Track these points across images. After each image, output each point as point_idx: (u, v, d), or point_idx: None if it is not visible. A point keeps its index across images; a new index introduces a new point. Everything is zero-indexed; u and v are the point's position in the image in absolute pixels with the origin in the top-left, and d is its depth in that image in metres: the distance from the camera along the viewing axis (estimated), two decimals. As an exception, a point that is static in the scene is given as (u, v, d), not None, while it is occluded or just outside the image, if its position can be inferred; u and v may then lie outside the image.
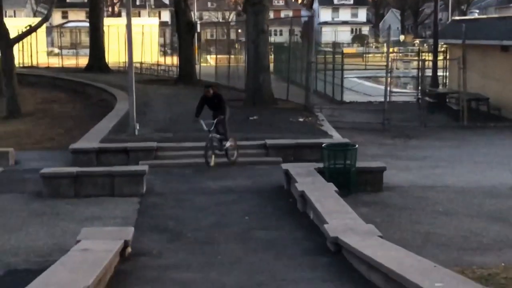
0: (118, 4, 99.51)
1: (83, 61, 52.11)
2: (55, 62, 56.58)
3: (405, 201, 13.76)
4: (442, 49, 36.81)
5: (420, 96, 29.39)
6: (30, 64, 52.78)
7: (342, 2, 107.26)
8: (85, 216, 12.68)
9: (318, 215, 11.26)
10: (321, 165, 14.94)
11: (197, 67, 39.69)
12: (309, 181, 13.24)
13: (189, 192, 14.54)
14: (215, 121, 16.84)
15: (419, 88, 30.90)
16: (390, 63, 27.37)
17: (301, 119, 23.12)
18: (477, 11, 57.58)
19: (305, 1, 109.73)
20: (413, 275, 7.06)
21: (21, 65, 49.41)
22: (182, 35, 37.24)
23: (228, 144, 17.07)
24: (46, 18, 31.10)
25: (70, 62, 54.68)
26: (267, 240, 10.93)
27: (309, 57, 27.10)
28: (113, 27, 51.39)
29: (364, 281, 8.42)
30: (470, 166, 17.76)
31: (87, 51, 54.21)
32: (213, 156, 16.67)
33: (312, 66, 27.29)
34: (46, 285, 6.94)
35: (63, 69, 50.06)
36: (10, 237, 11.28)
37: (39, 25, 32.80)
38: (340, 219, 10.74)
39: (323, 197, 12.12)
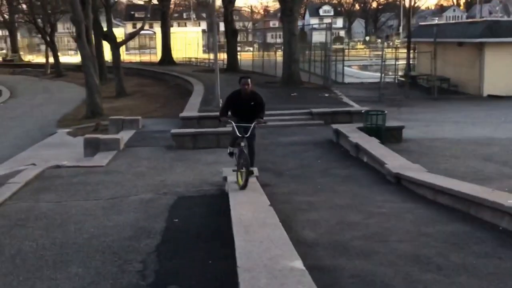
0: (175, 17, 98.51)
1: (153, 58, 52.09)
2: (133, 58, 56.27)
3: (420, 148, 13.70)
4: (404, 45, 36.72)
5: (400, 78, 29.48)
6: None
7: (325, 14, 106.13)
8: (209, 160, 12.75)
9: (374, 158, 11.29)
10: (358, 125, 15.10)
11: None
12: (357, 136, 13.32)
13: (270, 145, 14.54)
14: (253, 124, 9.02)
15: (396, 71, 31.00)
16: (384, 55, 27.29)
17: (326, 95, 23.16)
18: (437, 18, 56.87)
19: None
20: (483, 195, 7.09)
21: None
22: (228, 38, 37.30)
23: (255, 171, 9.53)
24: (142, 27, 30.83)
25: (144, 58, 54.38)
26: (343, 175, 11.00)
27: (328, 52, 27.03)
28: (174, 34, 51.45)
29: (430, 201, 8.42)
30: (452, 125, 17.65)
31: (153, 50, 54.33)
32: (241, 174, 8.69)
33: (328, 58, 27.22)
34: (241, 202, 6.95)
35: (142, 63, 49.90)
36: (167, 175, 11.42)
37: (137, 33, 32.86)
38: (393, 160, 10.83)
39: (373, 146, 12.23)
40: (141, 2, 63.55)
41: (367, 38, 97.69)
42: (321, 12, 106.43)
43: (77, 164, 12.64)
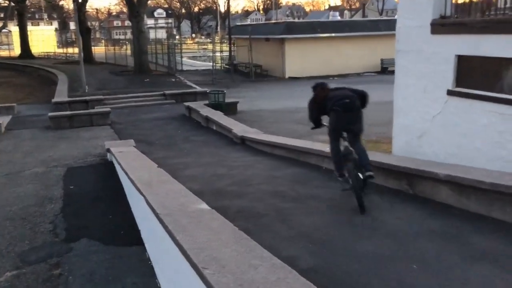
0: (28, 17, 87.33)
1: (12, 53, 46.11)
2: (-8, 53, 49.21)
3: (252, 117, 14.02)
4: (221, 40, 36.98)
5: (225, 65, 29.97)
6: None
7: (159, 16, 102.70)
8: (87, 137, 11.90)
9: (222, 126, 11.41)
10: (204, 102, 15.15)
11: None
12: (206, 110, 13.40)
13: (136, 121, 13.98)
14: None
15: (222, 60, 31.43)
16: (214, 48, 27.40)
17: (173, 80, 22.72)
18: (249, 20, 57.81)
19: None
20: (308, 146, 7.61)
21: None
22: (83, 34, 34.41)
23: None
24: (4, 26, 26.98)
25: (3, 53, 47.90)
26: (200, 141, 10.94)
27: (171, 45, 26.37)
28: (31, 32, 45.98)
29: (269, 154, 8.76)
30: (269, 99, 18.28)
31: (11, 46, 48.01)
32: None
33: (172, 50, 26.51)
34: (132, 167, 6.43)
35: (2, 58, 43.93)
36: (53, 151, 10.45)
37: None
38: (236, 127, 11.06)
39: (219, 117, 12.40)
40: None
41: (194, 35, 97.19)
42: (155, 14, 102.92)
43: (-37, 148, 10.98)
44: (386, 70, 26.62)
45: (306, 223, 4.53)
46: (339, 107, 5.00)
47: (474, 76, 6.64)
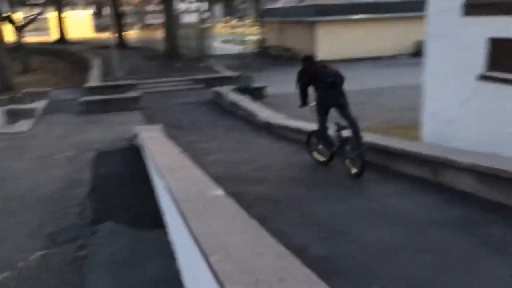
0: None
1: (49, 38, 47.26)
2: (31, 39, 50.35)
3: (280, 102, 13.81)
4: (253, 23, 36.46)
5: (256, 49, 29.79)
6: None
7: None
8: (118, 121, 12.14)
9: (249, 112, 11.37)
10: (232, 87, 15.13)
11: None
12: (234, 95, 13.41)
13: (166, 106, 14.13)
14: None
15: (252, 44, 31.16)
16: (244, 32, 27.25)
17: (204, 64, 22.73)
18: (281, 2, 56.38)
19: None
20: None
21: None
22: (117, 19, 34.96)
23: None
24: (41, 12, 27.66)
25: (42, 39, 49.07)
26: (227, 126, 10.97)
27: (202, 29, 26.31)
28: (67, 17, 46.94)
29: (293, 139, 8.59)
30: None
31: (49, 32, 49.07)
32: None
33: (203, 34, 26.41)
34: (157, 152, 6.53)
35: (40, 43, 45.05)
36: (85, 135, 10.78)
37: (37, 16, 29.46)
38: (263, 112, 10.99)
39: (246, 102, 12.38)
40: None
41: (226, 19, 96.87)
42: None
43: (1, 131, 11.47)
44: (419, 52, 25.84)
45: (320, 210, 4.53)
46: (325, 85, 5.94)
47: (507, 60, 6.38)
